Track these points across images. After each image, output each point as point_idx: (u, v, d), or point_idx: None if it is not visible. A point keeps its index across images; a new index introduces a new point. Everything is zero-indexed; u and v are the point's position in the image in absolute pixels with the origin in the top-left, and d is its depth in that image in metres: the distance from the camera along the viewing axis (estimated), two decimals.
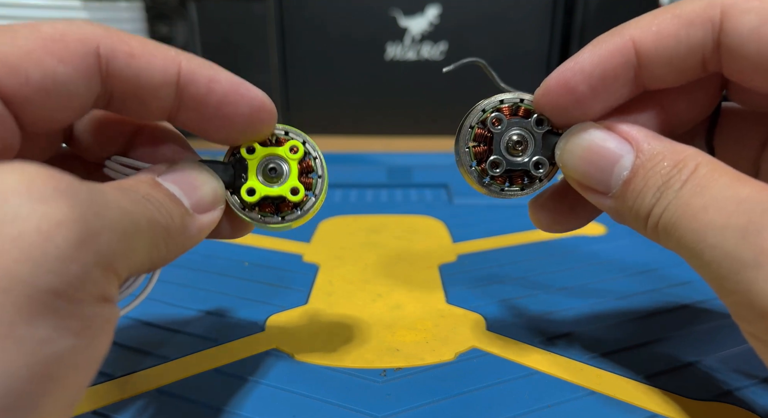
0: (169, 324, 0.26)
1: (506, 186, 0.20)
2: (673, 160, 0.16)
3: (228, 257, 0.34)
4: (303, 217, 0.20)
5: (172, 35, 0.72)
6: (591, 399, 0.21)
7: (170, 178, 0.17)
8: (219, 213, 0.18)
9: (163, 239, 0.16)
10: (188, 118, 0.18)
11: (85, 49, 0.15)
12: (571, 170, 0.19)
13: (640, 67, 0.17)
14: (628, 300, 0.28)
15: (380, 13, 0.69)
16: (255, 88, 0.18)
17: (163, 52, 0.16)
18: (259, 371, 0.22)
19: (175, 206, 0.16)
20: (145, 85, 0.16)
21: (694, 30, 0.16)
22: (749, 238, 0.14)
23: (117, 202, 0.14)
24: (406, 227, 0.40)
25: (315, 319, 0.27)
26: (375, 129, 0.73)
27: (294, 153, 0.20)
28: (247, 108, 0.18)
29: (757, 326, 0.14)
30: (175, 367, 0.23)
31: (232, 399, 0.21)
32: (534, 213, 0.22)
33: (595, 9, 0.66)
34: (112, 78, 0.16)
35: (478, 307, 0.28)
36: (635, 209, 0.17)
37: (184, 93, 0.17)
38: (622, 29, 0.17)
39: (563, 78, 0.18)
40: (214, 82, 0.17)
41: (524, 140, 0.19)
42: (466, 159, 0.20)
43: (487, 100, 0.20)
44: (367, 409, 0.20)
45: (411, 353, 0.24)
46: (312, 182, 0.20)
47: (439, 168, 0.55)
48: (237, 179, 0.19)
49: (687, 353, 0.23)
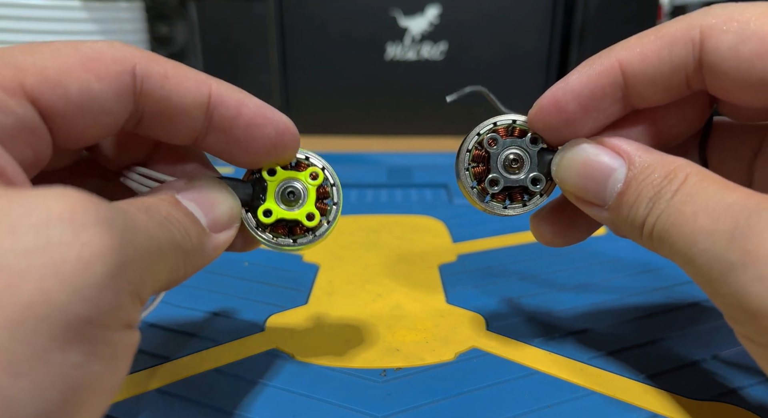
0: (169, 324, 0.26)
1: (507, 204, 0.21)
2: (663, 171, 0.17)
3: (228, 257, 0.34)
4: (315, 242, 0.20)
5: (172, 35, 0.72)
6: (591, 399, 0.21)
7: (189, 195, 0.18)
8: (234, 232, 0.19)
9: (182, 260, 0.16)
10: (215, 141, 0.18)
11: (121, 68, 0.15)
12: (568, 185, 0.19)
13: (627, 87, 0.18)
14: (629, 300, 0.28)
15: (380, 13, 0.69)
16: (280, 113, 0.19)
17: (195, 76, 0.17)
18: (259, 371, 0.22)
19: (193, 226, 0.17)
20: (177, 106, 0.17)
21: (676, 50, 0.17)
22: (736, 241, 0.14)
23: (145, 228, 0.14)
24: (406, 227, 0.40)
25: (315, 319, 0.27)
26: (375, 129, 0.73)
27: (313, 179, 0.20)
28: (273, 131, 0.18)
29: (749, 328, 0.15)
30: (175, 367, 0.23)
31: (232, 399, 0.21)
32: (535, 228, 0.23)
33: (595, 9, 0.66)
34: (145, 98, 0.16)
35: (478, 307, 0.28)
36: (630, 220, 0.18)
37: (213, 115, 0.17)
38: (610, 51, 0.18)
39: (554, 98, 0.19)
40: (243, 105, 0.18)
41: (520, 158, 0.20)
42: (467, 181, 0.21)
43: (482, 123, 0.21)
44: (367, 409, 0.20)
45: (411, 353, 0.24)
46: (327, 209, 0.20)
47: (439, 168, 0.55)
48: (254, 198, 0.20)
49: (687, 353, 0.23)
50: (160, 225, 0.15)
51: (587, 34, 0.66)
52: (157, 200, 0.16)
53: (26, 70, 0.14)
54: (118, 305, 0.12)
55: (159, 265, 0.15)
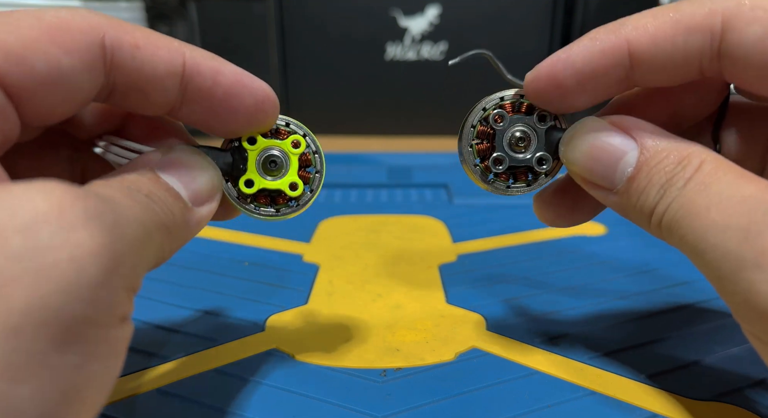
0: (170, 324, 0.26)
1: (511, 183, 0.20)
2: (677, 156, 0.16)
3: (228, 257, 0.34)
4: (298, 211, 0.20)
5: (172, 35, 0.72)
6: (591, 399, 0.21)
7: (168, 168, 0.17)
8: (216, 204, 0.18)
9: (167, 238, 0.16)
10: (191, 112, 0.17)
11: (90, 39, 0.14)
12: (576, 166, 0.18)
13: (633, 69, 0.17)
14: (628, 300, 0.28)
15: (380, 13, 0.69)
16: (259, 80, 0.18)
17: (167, 44, 0.16)
18: (259, 371, 0.22)
19: (176, 202, 0.16)
20: (150, 77, 0.16)
21: (693, 38, 0.16)
22: (750, 239, 0.14)
23: (133, 216, 0.14)
24: (406, 227, 0.40)
25: (315, 319, 0.27)
26: (375, 129, 0.73)
27: (295, 147, 0.19)
28: (252, 100, 0.17)
29: (758, 327, 0.14)
30: (175, 367, 0.23)
31: (232, 399, 0.21)
32: (538, 208, 0.22)
33: (595, 9, 0.66)
34: (116, 70, 0.15)
35: (478, 307, 0.28)
36: (639, 206, 0.17)
37: (188, 86, 0.16)
38: (620, 27, 0.17)
39: (553, 71, 0.18)
40: (219, 74, 0.17)
41: (527, 136, 0.20)
42: (470, 157, 0.20)
43: (488, 98, 0.20)
44: (367, 409, 0.20)
45: (411, 353, 0.24)
46: (310, 177, 0.20)
47: (439, 168, 0.55)
48: (235, 168, 0.19)
49: (687, 353, 0.23)
50: (144, 208, 0.14)
51: None
52: (137, 177, 0.16)
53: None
54: (114, 301, 0.12)
55: (147, 250, 0.14)
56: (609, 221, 0.40)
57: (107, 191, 0.14)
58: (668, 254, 0.34)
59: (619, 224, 0.40)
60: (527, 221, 0.41)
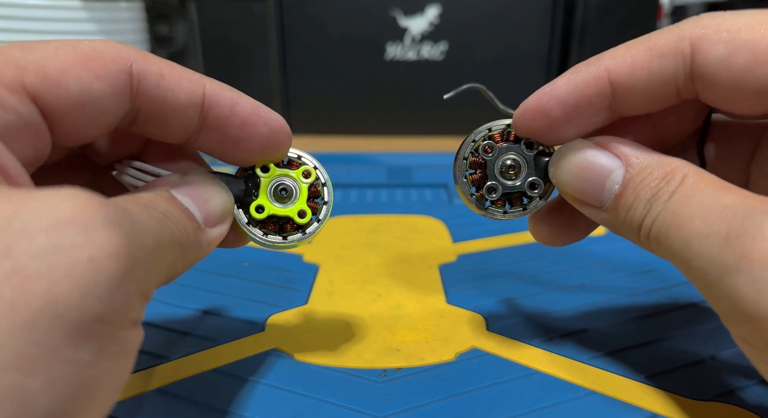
0: (169, 324, 0.26)
1: (507, 208, 0.21)
2: (661, 172, 0.17)
3: (228, 257, 0.34)
4: (304, 239, 0.21)
5: (172, 35, 0.72)
6: (591, 399, 0.21)
7: (183, 190, 0.18)
8: (227, 226, 0.19)
9: (180, 255, 0.16)
10: (208, 140, 0.18)
11: (119, 67, 0.16)
12: (565, 186, 0.19)
13: (615, 97, 0.18)
14: (628, 300, 0.28)
15: (380, 13, 0.69)
16: (273, 112, 0.19)
17: (189, 75, 0.17)
18: (259, 371, 0.22)
19: (190, 222, 0.17)
20: (172, 105, 0.17)
21: (666, 62, 0.17)
22: (730, 243, 0.14)
23: (149, 227, 0.14)
24: (406, 227, 0.40)
25: (315, 319, 0.27)
26: (375, 129, 0.73)
27: (306, 178, 0.20)
28: (267, 130, 0.18)
29: (744, 330, 0.15)
30: (175, 367, 0.23)
31: (232, 399, 0.21)
32: (534, 228, 0.23)
33: (595, 9, 0.66)
34: (141, 97, 0.16)
35: (478, 307, 0.28)
36: (627, 222, 0.17)
37: (208, 115, 0.17)
38: (598, 60, 0.18)
39: (539, 103, 0.19)
40: (237, 105, 0.18)
41: (517, 164, 0.20)
42: (465, 188, 0.21)
43: (477, 130, 0.21)
44: (367, 409, 0.20)
45: (411, 353, 0.24)
46: (318, 207, 0.21)
47: (439, 168, 0.55)
48: (246, 195, 0.20)
49: (687, 353, 0.23)
50: (160, 223, 0.15)
51: (587, 35, 0.66)
52: (153, 196, 0.16)
53: (26, 68, 0.14)
54: (128, 304, 0.13)
55: (161, 262, 0.15)
56: None
57: (125, 204, 0.14)
58: None
59: None
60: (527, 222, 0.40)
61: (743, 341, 0.15)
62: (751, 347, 0.15)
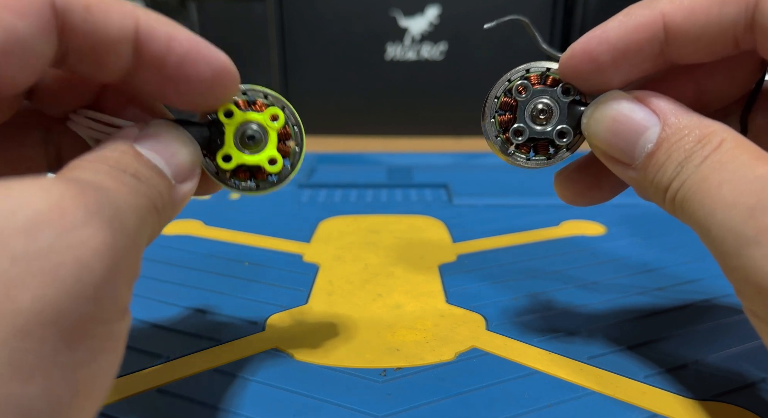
0: (169, 324, 0.26)
1: (531, 156, 0.20)
2: (698, 134, 0.16)
3: (228, 257, 0.34)
4: (278, 185, 0.19)
5: None
6: (591, 399, 0.21)
7: (148, 144, 0.16)
8: (197, 180, 0.18)
9: (157, 219, 0.15)
10: (146, 79, 0.17)
11: (41, 1, 0.14)
12: (597, 139, 0.18)
13: (668, 43, 0.17)
14: (628, 300, 0.28)
15: (380, 13, 0.69)
16: (216, 49, 0.17)
17: (119, 7, 0.15)
18: (259, 371, 0.22)
19: (161, 180, 0.16)
20: (103, 40, 0.15)
21: (727, 9, 0.16)
22: (754, 215, 0.14)
23: (128, 204, 0.14)
24: (406, 227, 0.40)
25: (315, 319, 0.27)
26: (375, 129, 0.73)
27: (274, 121, 0.19)
28: (208, 69, 0.17)
29: (756, 303, 0.15)
30: (175, 367, 0.23)
31: (232, 399, 0.21)
32: (558, 185, 0.22)
33: (595, 9, 0.66)
34: (68, 33, 0.15)
35: (478, 307, 0.28)
36: (656, 183, 0.17)
37: (142, 50, 0.16)
38: (655, 1, 0.17)
39: (588, 47, 0.18)
40: (174, 40, 0.16)
41: (549, 109, 0.19)
42: (491, 129, 0.20)
43: (514, 69, 0.20)
44: (367, 409, 0.20)
45: (411, 352, 0.24)
46: (290, 150, 0.19)
47: (439, 168, 0.55)
48: (212, 142, 0.19)
49: (687, 353, 0.23)
50: (135, 192, 0.14)
51: None
52: (119, 155, 0.15)
53: None
54: (119, 296, 0.12)
55: (143, 235, 0.14)
56: (609, 221, 0.40)
57: (97, 178, 0.14)
58: (668, 254, 0.34)
59: (619, 224, 0.40)
60: (527, 221, 0.41)
61: (754, 314, 0.15)
62: (761, 321, 0.15)
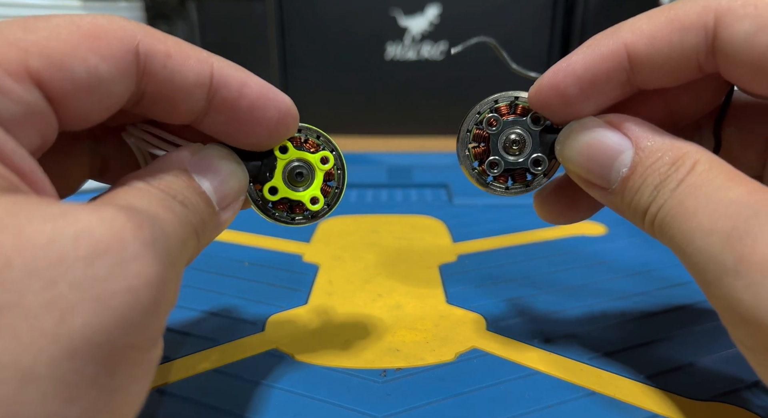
0: (169, 324, 0.26)
1: (509, 184, 0.21)
2: (671, 157, 0.16)
3: (228, 257, 0.34)
4: (311, 222, 0.20)
5: (171, 34, 0.72)
6: (591, 399, 0.21)
7: (200, 169, 0.17)
8: (239, 207, 0.18)
9: (196, 246, 0.16)
10: (215, 122, 0.17)
11: (125, 47, 0.15)
12: (572, 165, 0.19)
13: (633, 71, 0.17)
14: (628, 300, 0.28)
15: (380, 13, 0.69)
16: (282, 93, 0.18)
17: (197, 54, 0.16)
18: (259, 371, 0.22)
19: (207, 208, 0.16)
20: (179, 85, 0.16)
21: (688, 35, 0.16)
22: (731, 243, 0.14)
23: (175, 234, 0.14)
24: (406, 227, 0.40)
25: (315, 319, 0.27)
26: (375, 129, 0.73)
27: (324, 163, 0.20)
28: (275, 112, 0.18)
29: (741, 332, 0.15)
30: (175, 367, 0.23)
31: (232, 399, 0.21)
32: (538, 205, 0.22)
33: (595, 8, 0.66)
34: (147, 77, 0.15)
35: (478, 307, 0.28)
36: (633, 206, 0.17)
37: (215, 96, 0.17)
38: (616, 32, 0.17)
39: (554, 80, 0.18)
40: (246, 86, 0.17)
41: (522, 139, 0.20)
42: (467, 161, 0.20)
43: (483, 101, 0.20)
44: (367, 409, 0.20)
45: (411, 353, 0.24)
46: (330, 191, 0.21)
47: (439, 168, 0.55)
48: (260, 173, 0.19)
49: (687, 353, 0.23)
50: (182, 221, 0.15)
51: (588, 34, 0.66)
52: (171, 180, 0.16)
53: (29, 50, 0.13)
54: (159, 327, 0.13)
55: (184, 263, 0.15)
56: (609, 220, 0.40)
57: (150, 206, 0.14)
58: (668, 254, 0.34)
59: (619, 224, 0.40)
60: (527, 221, 0.41)
61: (740, 342, 0.15)
62: (747, 349, 0.15)
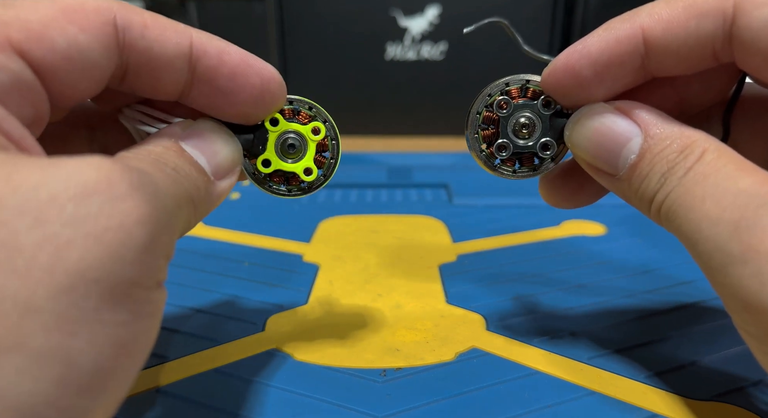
0: (169, 324, 0.26)
1: (517, 168, 0.21)
2: (680, 145, 0.16)
3: (228, 257, 0.34)
4: (308, 193, 0.21)
5: None
6: (591, 399, 0.21)
7: (192, 142, 0.17)
8: (236, 178, 0.19)
9: (193, 211, 0.16)
10: (201, 94, 0.18)
11: (102, 18, 0.15)
12: (580, 151, 0.19)
13: (648, 57, 0.17)
14: (628, 300, 0.28)
15: (380, 13, 0.69)
16: (263, 61, 0.18)
17: (174, 26, 0.17)
18: (259, 371, 0.22)
19: (200, 176, 0.17)
20: (160, 57, 0.16)
21: (705, 22, 0.16)
22: (739, 233, 0.14)
23: (166, 188, 0.15)
24: (406, 227, 0.40)
25: (315, 319, 0.27)
26: (375, 129, 0.73)
27: (315, 134, 0.20)
28: (258, 79, 0.18)
29: (745, 319, 0.15)
30: (175, 367, 0.23)
31: (232, 399, 0.21)
32: (543, 189, 0.22)
33: (595, 8, 0.66)
34: (127, 49, 0.16)
35: (478, 307, 0.28)
36: (640, 193, 0.17)
37: (196, 66, 0.17)
38: (634, 16, 0.17)
39: (569, 62, 0.18)
40: (225, 53, 0.17)
41: (531, 123, 0.20)
42: (475, 144, 0.20)
43: (493, 83, 0.20)
44: (367, 409, 0.20)
45: (411, 353, 0.24)
46: (324, 162, 0.21)
47: (439, 168, 0.55)
48: (254, 146, 0.20)
49: (687, 353, 0.23)
50: (173, 181, 0.15)
51: (587, 34, 0.66)
52: (163, 150, 0.16)
53: (9, 24, 0.14)
54: (156, 267, 0.13)
55: (179, 222, 0.15)
56: (609, 220, 0.40)
57: (140, 165, 0.15)
58: (668, 254, 0.34)
59: (619, 224, 0.40)
60: (527, 221, 0.41)
61: (743, 330, 0.15)
62: (750, 337, 0.15)
